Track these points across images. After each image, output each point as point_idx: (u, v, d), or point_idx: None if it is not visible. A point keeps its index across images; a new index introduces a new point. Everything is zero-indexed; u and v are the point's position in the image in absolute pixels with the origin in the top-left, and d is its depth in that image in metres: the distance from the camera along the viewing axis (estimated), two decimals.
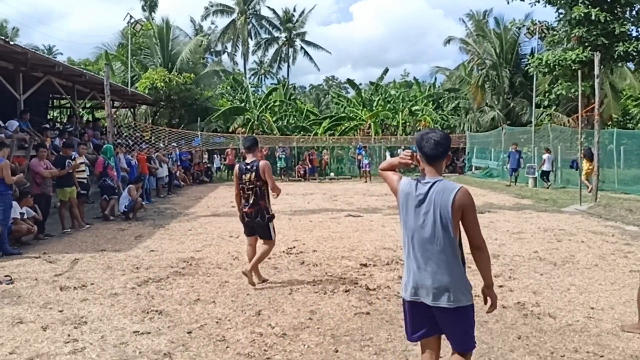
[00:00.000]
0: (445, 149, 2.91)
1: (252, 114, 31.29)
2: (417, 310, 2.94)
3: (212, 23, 53.18)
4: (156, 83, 25.68)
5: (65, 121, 20.56)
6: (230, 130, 30.79)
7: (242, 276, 6.44)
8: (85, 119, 23.99)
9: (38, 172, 9.48)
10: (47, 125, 16.08)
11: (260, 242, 6.19)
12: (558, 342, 4.25)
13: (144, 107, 28.85)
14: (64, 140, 12.67)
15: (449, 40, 37.18)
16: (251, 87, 39.00)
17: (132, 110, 26.20)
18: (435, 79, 40.29)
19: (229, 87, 36.07)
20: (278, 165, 26.24)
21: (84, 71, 17.42)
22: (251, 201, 5.93)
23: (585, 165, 16.45)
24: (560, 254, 7.59)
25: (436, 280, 2.83)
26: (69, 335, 4.49)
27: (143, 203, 12.70)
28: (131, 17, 26.03)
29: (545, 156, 20.14)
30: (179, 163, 20.02)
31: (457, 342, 2.95)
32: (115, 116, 21.21)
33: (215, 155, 27.16)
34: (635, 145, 18.61)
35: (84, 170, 11.06)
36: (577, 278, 6.26)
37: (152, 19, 40.01)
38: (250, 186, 5.91)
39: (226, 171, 27.20)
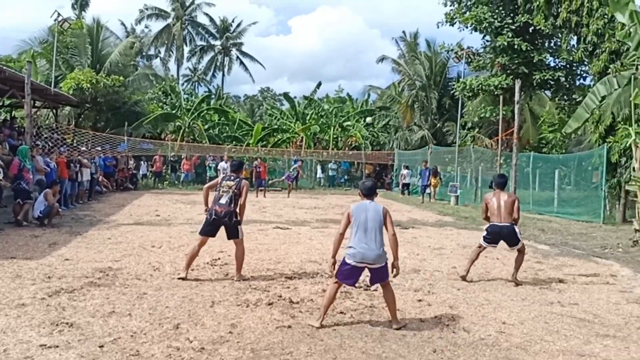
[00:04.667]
0: (374, 190, 5.40)
1: (183, 121, 30.60)
2: (356, 270, 5.05)
3: (146, 27, 51.65)
4: (82, 84, 24.51)
5: None
6: (160, 136, 29.94)
7: (161, 288, 6.24)
8: (2, 118, 22.49)
9: None
10: None
11: (203, 244, 6.92)
12: (471, 356, 4.41)
13: (67, 108, 27.45)
14: None
15: (382, 59, 38.25)
16: (184, 93, 38.17)
17: (54, 111, 24.84)
18: (369, 95, 41.24)
19: (160, 92, 35.11)
20: (208, 174, 25.72)
21: (4, 68, 16.30)
22: (223, 202, 6.65)
23: (432, 180, 21.78)
24: (477, 270, 7.91)
25: (375, 252, 4.97)
26: None
27: (60, 209, 12.03)
28: (59, 14, 24.81)
29: (404, 172, 24.54)
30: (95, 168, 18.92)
31: (383, 279, 5.11)
32: (35, 116, 20.05)
33: (142, 162, 26.24)
34: (550, 168, 19.86)
35: None
36: (491, 294, 6.55)
37: (83, 18, 38.32)
38: (227, 190, 6.70)
39: (153, 178, 26.33)
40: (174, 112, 31.70)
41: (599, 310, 5.97)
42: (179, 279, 6.59)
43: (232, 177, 6.86)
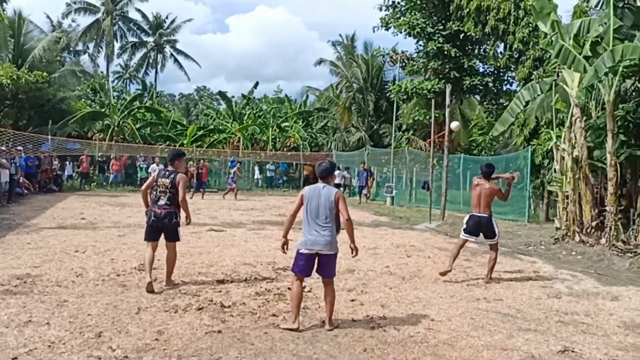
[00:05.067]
0: (329, 172, 5.20)
1: (113, 119, 29.33)
2: (309, 258, 5.01)
3: (73, 21, 49.23)
4: (1, 79, 23.00)
5: None
6: (88, 135, 28.62)
7: (84, 295, 5.91)
8: None
9: None
10: None
11: (155, 249, 6.48)
12: (400, 354, 4.46)
13: None
14: None
15: (320, 62, 38.49)
16: (114, 91, 36.68)
17: None
18: (307, 96, 41.34)
19: (88, 90, 33.54)
20: (139, 175, 24.81)
21: None
22: (162, 203, 6.37)
23: (369, 181, 23.31)
24: (409, 269, 8.08)
25: (326, 238, 4.97)
26: None
27: None
28: None
29: (336, 172, 24.73)
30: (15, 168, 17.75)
31: (329, 274, 5.10)
32: None
33: (67, 162, 24.93)
34: (479, 169, 20.61)
35: None
36: (422, 292, 6.68)
37: (4, 10, 35.97)
38: (164, 189, 6.36)
39: (79, 180, 25.11)
40: (102, 110, 30.36)
41: (521, 305, 6.23)
42: (147, 283, 6.08)
43: (167, 173, 6.43)
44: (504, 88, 24.39)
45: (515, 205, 16.93)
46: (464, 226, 7.64)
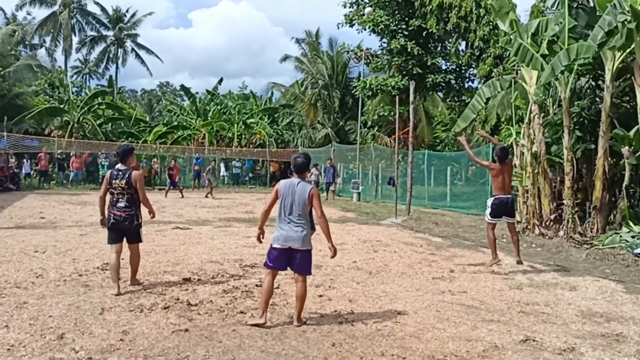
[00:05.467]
0: (306, 165, 5.13)
1: (72, 116, 28.50)
2: (282, 253, 4.99)
3: (29, 13, 47.59)
4: None
5: None
6: (45, 132, 27.74)
7: (44, 296, 5.75)
8: None
9: None
10: None
11: (120, 251, 6.24)
12: (367, 347, 4.51)
13: None
14: None
15: (285, 58, 38.41)
16: (73, 86, 35.64)
17: None
18: (272, 93, 41.20)
19: (46, 85, 32.49)
20: (100, 172, 24.23)
21: None
22: (121, 205, 6.08)
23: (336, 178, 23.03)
24: (376, 264, 8.16)
25: (298, 234, 4.96)
26: None
27: None
28: None
29: None
30: None
31: (303, 270, 5.06)
32: None
33: (25, 160, 24.13)
34: (443, 165, 20.99)
35: None
36: (388, 286, 6.77)
37: None
38: (121, 191, 6.07)
39: (37, 177, 24.32)
40: (61, 106, 29.46)
41: (485, 297, 6.38)
42: (114, 294, 5.85)
43: (120, 173, 6.07)
44: (466, 85, 24.93)
45: (478, 199, 17.30)
46: (489, 210, 7.95)
